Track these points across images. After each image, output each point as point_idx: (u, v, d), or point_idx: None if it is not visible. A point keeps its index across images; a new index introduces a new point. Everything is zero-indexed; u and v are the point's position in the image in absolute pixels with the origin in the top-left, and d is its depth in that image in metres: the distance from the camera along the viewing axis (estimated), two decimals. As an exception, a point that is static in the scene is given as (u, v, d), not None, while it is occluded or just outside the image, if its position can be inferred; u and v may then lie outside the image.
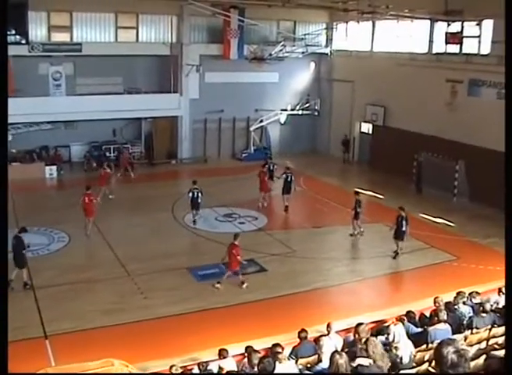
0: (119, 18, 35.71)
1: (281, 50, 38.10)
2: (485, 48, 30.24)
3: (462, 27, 31.25)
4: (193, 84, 38.31)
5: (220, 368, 12.54)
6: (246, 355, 12.84)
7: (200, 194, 25.87)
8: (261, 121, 40.37)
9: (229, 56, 38.01)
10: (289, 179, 28.62)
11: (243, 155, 39.56)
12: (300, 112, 41.24)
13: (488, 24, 29.97)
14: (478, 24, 30.53)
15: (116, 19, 35.64)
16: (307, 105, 41.51)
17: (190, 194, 25.86)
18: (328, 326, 12.93)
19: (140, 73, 37.98)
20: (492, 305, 14.22)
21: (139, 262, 21.20)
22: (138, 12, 36.08)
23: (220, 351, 13.08)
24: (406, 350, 9.42)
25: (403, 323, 12.86)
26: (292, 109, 41.27)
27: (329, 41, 41.97)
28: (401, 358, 9.25)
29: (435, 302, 14.55)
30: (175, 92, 37.99)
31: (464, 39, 31.34)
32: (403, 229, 22.51)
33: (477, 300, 14.41)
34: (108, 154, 36.50)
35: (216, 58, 38.22)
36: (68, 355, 14.13)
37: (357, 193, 25.38)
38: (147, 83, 38.01)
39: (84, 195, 24.43)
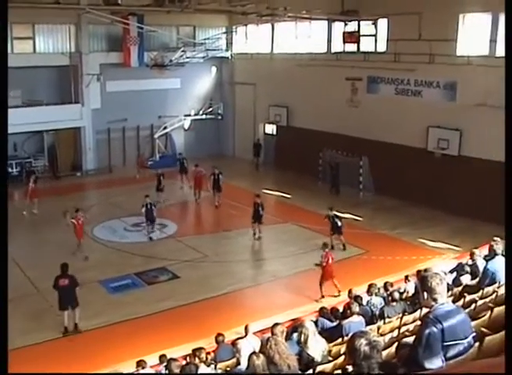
0: (13, 29, 34.48)
1: (181, 56, 37.95)
2: (382, 46, 31.07)
3: (359, 27, 31.95)
4: (94, 94, 37.66)
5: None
6: (160, 363, 12.83)
7: (153, 207, 25.63)
8: (165, 128, 40.11)
9: (130, 64, 37.63)
10: (217, 177, 29.95)
11: (149, 162, 39.09)
12: (203, 117, 41.22)
13: (383, 23, 30.82)
14: (373, 23, 31.35)
15: (11, 29, 34.54)
16: (210, 109, 41.55)
17: (144, 208, 25.40)
18: (246, 328, 12.97)
19: (40, 84, 36.89)
20: (401, 294, 14.64)
21: (50, 279, 20.53)
22: (34, 22, 35.16)
23: (138, 362, 12.98)
24: (316, 348, 9.51)
25: (317, 320, 13.03)
26: (195, 114, 41.18)
27: (229, 44, 42.13)
28: (313, 358, 9.33)
29: (349, 295, 14.85)
30: (76, 103, 37.29)
31: (361, 38, 32.07)
32: (339, 224, 23.29)
33: (389, 290, 14.76)
34: (10, 169, 35.36)
35: (117, 67, 37.72)
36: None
37: (258, 196, 25.77)
38: (48, 95, 37.04)
39: (76, 218, 23.44)
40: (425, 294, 5.57)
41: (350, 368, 5.07)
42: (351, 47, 32.72)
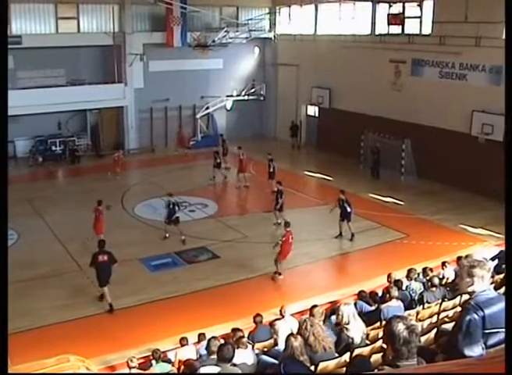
0: (58, 8, 34.93)
1: (224, 36, 37.91)
2: (427, 29, 30.62)
3: (403, 8, 31.56)
4: (137, 74, 37.88)
5: (176, 356, 12.63)
6: (199, 341, 12.97)
7: (177, 207, 23.17)
8: (207, 108, 40.23)
9: (173, 44, 37.66)
10: (271, 168, 28.79)
11: (191, 142, 39.32)
12: (245, 98, 41.23)
13: (428, 5, 30.35)
14: (418, 5, 30.90)
15: (56, 9, 34.85)
16: (253, 90, 41.53)
17: (166, 209, 23.10)
18: (282, 309, 13.03)
19: (84, 64, 37.27)
20: (441, 280, 14.54)
21: (90, 255, 20.84)
22: (78, 2, 35.37)
23: (181, 339, 13.16)
24: (357, 330, 9.52)
25: (356, 303, 13.03)
26: (237, 95, 41.23)
27: (273, 25, 41.91)
28: (353, 339, 9.35)
29: (388, 280, 14.81)
30: (119, 82, 37.53)
31: (406, 20, 31.67)
32: (349, 210, 22.68)
33: (429, 276, 14.68)
34: (54, 148, 35.91)
35: (160, 47, 37.81)
36: (23, 354, 13.68)
37: (279, 183, 24.55)
38: (91, 74, 37.36)
39: (95, 211, 22.08)
40: (467, 279, 5.49)
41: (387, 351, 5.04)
42: (395, 29, 32.34)
